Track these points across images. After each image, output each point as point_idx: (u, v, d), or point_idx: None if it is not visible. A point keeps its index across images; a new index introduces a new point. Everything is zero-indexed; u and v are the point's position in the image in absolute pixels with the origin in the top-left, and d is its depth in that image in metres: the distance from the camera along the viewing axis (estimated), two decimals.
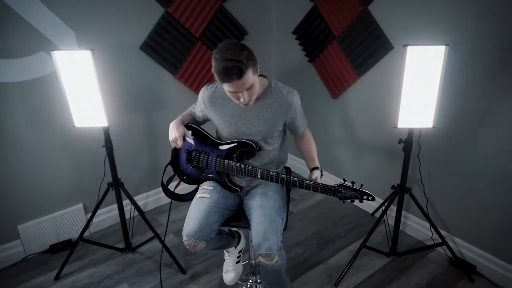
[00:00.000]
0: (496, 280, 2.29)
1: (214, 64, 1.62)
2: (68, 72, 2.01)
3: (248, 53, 1.60)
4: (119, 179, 2.40)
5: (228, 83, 1.61)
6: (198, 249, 1.80)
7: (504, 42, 1.93)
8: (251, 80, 1.63)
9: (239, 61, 1.56)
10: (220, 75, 1.60)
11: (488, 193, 2.21)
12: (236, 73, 1.57)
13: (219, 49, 1.61)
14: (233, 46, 1.60)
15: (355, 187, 1.67)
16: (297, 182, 1.73)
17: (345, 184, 1.68)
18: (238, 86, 1.62)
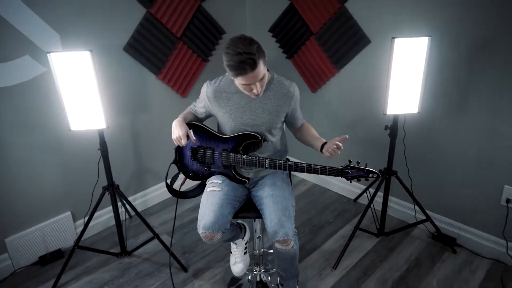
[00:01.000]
0: (474, 249, 2.52)
1: (227, 59, 1.69)
2: (65, 74, 1.96)
3: (257, 45, 1.69)
4: (114, 182, 2.37)
5: (242, 76, 1.68)
6: (214, 240, 1.84)
7: (479, 34, 2.15)
8: (262, 71, 1.71)
9: (252, 53, 1.64)
10: (234, 68, 1.67)
11: (465, 171, 2.44)
12: (250, 65, 1.65)
13: (231, 44, 1.68)
14: (243, 40, 1.68)
15: (361, 166, 1.79)
16: (305, 167, 1.83)
17: (351, 165, 1.79)
18: (252, 78, 1.70)
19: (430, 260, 2.48)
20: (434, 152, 2.52)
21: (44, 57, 2.27)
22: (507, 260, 2.40)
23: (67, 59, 1.94)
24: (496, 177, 2.32)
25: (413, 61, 2.08)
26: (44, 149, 2.42)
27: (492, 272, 2.37)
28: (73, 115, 2.06)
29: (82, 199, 2.62)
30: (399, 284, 2.31)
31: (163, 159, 3.04)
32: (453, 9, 2.19)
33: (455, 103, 2.35)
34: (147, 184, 3.05)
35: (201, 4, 2.85)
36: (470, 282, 2.31)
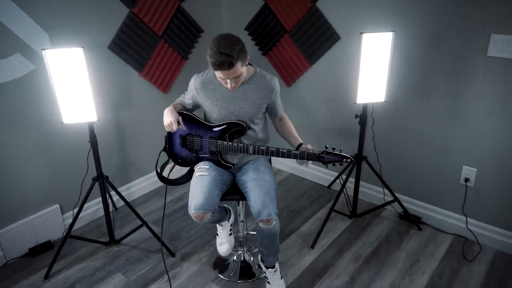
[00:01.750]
0: (438, 226, 2.78)
1: (209, 53, 1.85)
2: (58, 70, 2.08)
3: (241, 47, 1.86)
4: (103, 173, 2.49)
5: (219, 71, 1.87)
6: (205, 220, 2.00)
7: (435, 28, 2.40)
8: (239, 71, 1.89)
9: (231, 56, 1.82)
10: (213, 64, 1.85)
11: (427, 154, 2.69)
12: (227, 65, 1.83)
13: (217, 40, 1.85)
14: (228, 42, 1.84)
15: (336, 152, 1.99)
16: (286, 153, 2.02)
17: (327, 150, 1.99)
18: (227, 74, 1.88)
19: (398, 237, 2.72)
20: (400, 137, 2.76)
21: (34, 55, 2.37)
22: (467, 234, 2.66)
23: (61, 55, 2.06)
24: (455, 158, 2.58)
25: (379, 54, 2.30)
26: (32, 144, 2.50)
27: (454, 245, 2.63)
28: (65, 108, 2.18)
29: (70, 192, 2.72)
30: (371, 258, 2.53)
31: (146, 153, 3.17)
32: (414, 6, 2.43)
33: (417, 91, 2.59)
34: (131, 177, 3.16)
35: (180, 4, 3.00)
36: (435, 255, 2.55)
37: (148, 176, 3.27)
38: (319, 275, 2.41)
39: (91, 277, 2.43)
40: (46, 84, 2.41)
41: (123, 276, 2.43)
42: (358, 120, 2.58)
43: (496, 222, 2.56)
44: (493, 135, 2.40)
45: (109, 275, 2.44)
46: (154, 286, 2.35)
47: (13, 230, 2.53)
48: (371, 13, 2.61)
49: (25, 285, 2.38)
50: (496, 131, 2.38)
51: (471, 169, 2.54)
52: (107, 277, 2.42)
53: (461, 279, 2.36)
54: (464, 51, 2.35)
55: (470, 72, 2.36)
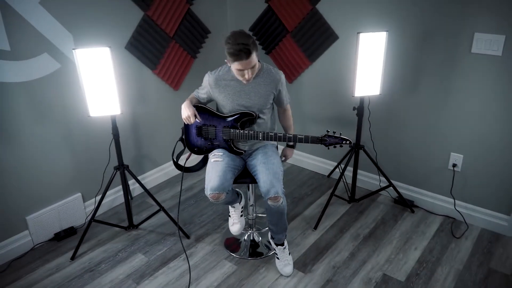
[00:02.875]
0: (429, 208, 3.04)
1: (228, 47, 2.11)
2: (87, 68, 2.31)
3: (253, 40, 2.13)
4: (123, 163, 2.71)
5: (238, 61, 2.12)
6: (220, 200, 2.24)
7: (424, 27, 2.66)
8: (254, 60, 2.15)
9: (248, 45, 2.09)
10: (233, 55, 2.10)
11: (419, 142, 2.95)
12: (245, 53, 2.09)
13: (231, 36, 2.11)
14: (242, 35, 2.12)
15: (336, 135, 2.24)
16: (292, 137, 2.26)
17: (328, 134, 2.24)
18: (245, 64, 2.13)
19: (393, 219, 2.98)
20: (394, 126, 3.02)
21: (60, 54, 2.59)
22: (455, 215, 2.93)
23: (89, 54, 2.29)
24: (444, 145, 2.84)
25: (375, 51, 2.56)
26: (58, 137, 2.72)
27: (443, 225, 2.89)
28: (92, 103, 2.41)
29: (91, 181, 2.95)
30: (368, 237, 2.78)
31: (159, 146, 3.40)
32: (405, 8, 2.69)
33: (408, 85, 2.85)
34: (145, 168, 3.39)
35: (190, 8, 3.24)
36: (426, 233, 2.81)
37: (161, 167, 3.50)
38: (322, 252, 2.66)
39: (114, 257, 2.66)
40: (71, 81, 2.66)
41: (143, 256, 2.66)
42: (355, 112, 2.83)
43: (481, 203, 2.82)
44: (477, 124, 2.66)
45: (131, 255, 2.67)
46: (172, 264, 2.59)
47: (40, 216, 2.75)
48: (367, 14, 2.86)
49: (54, 265, 2.60)
50: (480, 120, 2.65)
51: (458, 156, 2.80)
52: (129, 257, 2.65)
53: (449, 253, 2.62)
54: (451, 48, 2.61)
55: (456, 67, 2.63)
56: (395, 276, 2.46)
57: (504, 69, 2.47)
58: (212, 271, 2.54)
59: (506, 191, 2.70)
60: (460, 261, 2.56)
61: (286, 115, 2.56)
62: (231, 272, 2.53)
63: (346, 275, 2.48)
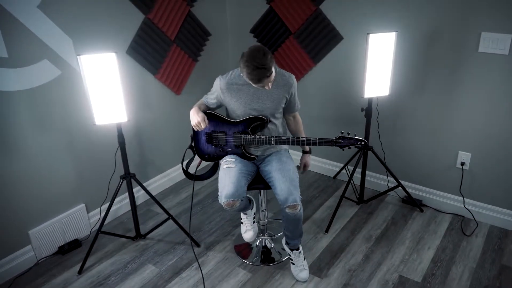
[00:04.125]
0: (437, 207, 3.05)
1: (247, 72, 2.05)
2: (92, 74, 2.22)
3: (270, 56, 2.07)
4: (129, 171, 2.63)
5: (259, 84, 2.07)
6: (234, 207, 2.19)
7: (431, 27, 2.66)
8: (273, 74, 2.10)
9: (267, 65, 2.03)
10: (255, 80, 2.06)
11: (426, 142, 2.95)
12: (266, 77, 2.05)
13: (249, 58, 2.04)
14: (260, 54, 2.03)
15: (351, 136, 2.21)
16: (305, 140, 2.22)
17: (343, 135, 2.21)
18: (266, 82, 2.09)
19: (403, 219, 2.97)
20: (401, 126, 3.01)
21: (60, 60, 2.50)
22: (464, 213, 2.94)
23: (95, 60, 2.20)
24: (452, 144, 2.85)
25: (384, 52, 2.54)
26: (59, 146, 2.62)
27: (453, 223, 2.90)
28: (98, 110, 2.32)
29: (95, 191, 2.86)
30: (381, 238, 2.77)
31: (162, 152, 3.33)
32: (412, 8, 2.68)
33: (416, 85, 2.85)
34: (149, 175, 3.31)
35: (190, 10, 3.17)
36: (437, 232, 2.81)
37: (164, 174, 3.42)
38: (336, 256, 2.63)
39: (123, 269, 2.57)
40: (72, 88, 2.57)
41: (154, 266, 2.59)
42: (364, 113, 2.81)
43: (489, 200, 2.84)
44: (485, 122, 2.67)
45: (141, 266, 2.59)
46: (185, 274, 2.52)
47: (43, 230, 2.64)
48: (372, 15, 2.84)
49: (61, 280, 2.50)
50: (487, 119, 2.66)
51: (466, 154, 2.81)
52: (139, 269, 2.57)
53: (462, 251, 2.63)
54: (457, 48, 2.61)
55: (463, 67, 2.63)
56: (411, 277, 2.45)
57: (511, 67, 2.48)
58: (226, 279, 2.48)
59: None
60: (473, 259, 2.56)
61: (295, 121, 2.51)
62: (246, 280, 2.47)
63: (363, 278, 2.45)
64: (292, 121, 2.51)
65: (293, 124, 2.51)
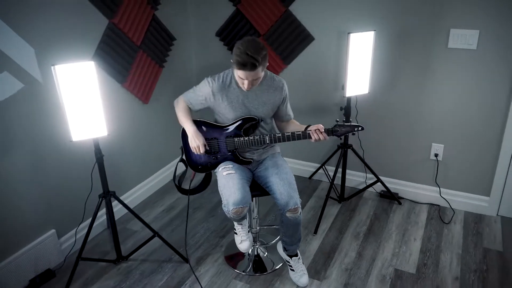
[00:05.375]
0: (413, 198, 3.16)
1: (235, 53, 1.98)
2: (67, 85, 2.00)
3: (265, 54, 2.01)
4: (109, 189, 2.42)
5: (243, 71, 1.99)
6: (242, 215, 2.11)
7: (403, 25, 2.74)
8: (259, 74, 2.04)
9: (256, 59, 1.96)
10: (238, 63, 1.98)
11: (399, 136, 3.04)
12: (250, 66, 1.97)
13: (245, 42, 1.98)
14: (256, 45, 1.98)
15: (346, 123, 2.16)
16: (301, 134, 2.15)
17: (338, 123, 2.17)
18: (247, 75, 2.01)
19: (384, 213, 3.04)
20: (377, 123, 3.06)
21: (22, 72, 2.23)
22: (440, 202, 3.07)
23: (70, 70, 1.99)
24: (425, 137, 2.97)
25: (363, 51, 2.58)
26: (24, 168, 2.34)
27: (431, 212, 3.02)
28: (74, 125, 2.10)
29: (66, 214, 2.61)
30: (368, 234, 2.81)
31: (132, 166, 3.11)
32: (383, 7, 2.75)
33: (390, 81, 2.92)
34: (119, 191, 3.06)
35: (155, 13, 3.00)
36: (418, 223, 2.91)
37: (136, 188, 3.20)
38: (330, 256, 2.62)
39: None
40: (36, 102, 2.33)
41: None
42: (343, 112, 2.83)
43: (463, 188, 2.99)
44: (456, 114, 2.81)
45: None
46: None
47: (9, 265, 2.33)
48: (343, 15, 2.88)
49: None
50: (458, 111, 2.80)
51: (439, 145, 2.94)
52: None
53: (445, 239, 2.74)
54: (428, 45, 2.72)
55: (434, 62, 2.75)
56: (405, 269, 2.50)
57: (479, 62, 2.63)
58: None
59: (484, 174, 2.89)
60: (457, 245, 2.68)
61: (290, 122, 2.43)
62: None
63: (361, 276, 2.46)
64: (286, 125, 2.41)
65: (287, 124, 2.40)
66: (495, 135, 2.76)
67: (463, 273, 2.45)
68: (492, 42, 2.55)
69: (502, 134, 2.72)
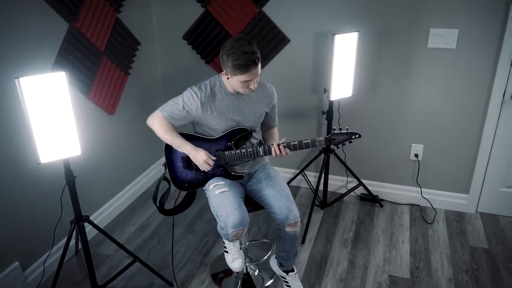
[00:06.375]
0: (393, 200, 3.14)
1: (232, 58, 1.83)
2: (35, 100, 1.73)
3: (256, 46, 1.86)
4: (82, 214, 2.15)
5: (247, 73, 1.84)
6: (241, 236, 1.94)
7: (383, 26, 2.70)
8: (260, 69, 1.90)
9: (256, 52, 1.84)
10: (241, 67, 1.83)
11: (379, 137, 3.00)
12: (255, 63, 1.83)
13: (233, 45, 1.84)
14: (244, 42, 1.86)
15: (344, 131, 2.07)
16: (297, 144, 2.02)
17: (335, 132, 2.07)
18: (253, 75, 1.87)
19: (368, 216, 2.99)
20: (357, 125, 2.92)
21: None
22: (419, 201, 3.08)
23: (38, 83, 1.73)
24: (405, 138, 2.95)
25: (347, 52, 2.50)
26: None
27: (413, 213, 3.02)
28: (43, 145, 1.83)
29: (31, 244, 2.31)
30: (356, 240, 2.74)
31: (99, 184, 2.83)
32: (361, 7, 2.69)
33: (371, 83, 2.87)
34: (87, 212, 2.77)
35: (118, 16, 2.74)
36: (403, 224, 2.89)
37: (103, 208, 2.91)
38: (322, 267, 2.52)
39: None
40: None
41: None
42: (325, 116, 2.74)
43: (442, 187, 3.02)
44: (435, 114, 2.82)
45: None
46: None
47: None
48: (317, 15, 2.79)
49: None
50: (438, 110, 2.80)
51: (419, 146, 2.94)
52: None
53: (432, 240, 2.73)
54: (407, 45, 2.70)
55: (413, 62, 2.73)
56: (399, 274, 2.45)
57: (458, 61, 2.64)
58: None
59: (463, 172, 2.92)
60: (444, 245, 2.68)
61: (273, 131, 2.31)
62: None
63: (357, 286, 2.38)
64: (266, 132, 2.31)
65: (269, 133, 2.30)
66: (473, 132, 2.79)
67: (456, 274, 2.45)
68: (471, 41, 2.57)
69: (481, 132, 2.76)
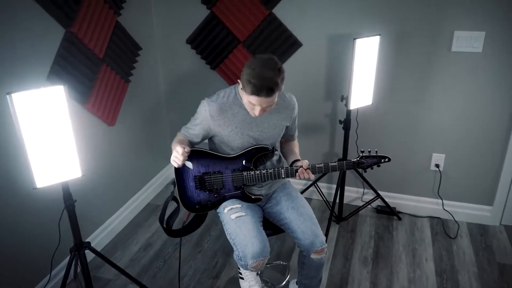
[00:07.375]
0: (412, 212, 2.96)
1: (249, 74, 1.62)
2: (30, 117, 1.53)
3: (283, 76, 1.68)
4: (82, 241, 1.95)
5: (256, 96, 1.64)
6: (262, 268, 1.74)
7: (403, 29, 2.52)
8: (274, 100, 1.70)
9: (275, 84, 1.63)
10: (250, 88, 1.62)
11: (399, 147, 2.82)
12: (266, 92, 1.63)
13: (260, 61, 1.64)
14: (273, 66, 1.65)
15: (373, 154, 1.91)
16: (323, 167, 1.86)
17: (364, 155, 1.90)
18: (261, 102, 1.67)
19: (387, 230, 2.81)
20: (375, 134, 2.81)
21: None
22: (440, 214, 2.90)
23: (34, 98, 1.52)
24: (425, 147, 2.77)
25: (368, 58, 2.32)
26: None
27: (434, 227, 2.84)
28: (39, 168, 1.62)
29: (25, 275, 2.08)
30: (376, 258, 2.56)
31: (98, 201, 2.62)
32: (379, 10, 2.50)
33: (390, 90, 2.69)
34: (85, 233, 2.56)
35: (118, 20, 2.53)
36: (425, 239, 2.72)
37: (103, 227, 2.69)
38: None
39: None
40: None
41: None
42: (342, 125, 2.56)
43: (464, 199, 2.84)
44: (458, 122, 2.64)
45: None
46: None
47: None
48: (333, 17, 2.60)
49: None
50: (461, 118, 2.63)
51: (440, 155, 2.76)
52: None
53: (457, 256, 2.56)
54: (429, 49, 2.52)
55: (435, 67, 2.55)
56: None
57: (484, 65, 2.47)
58: None
59: (487, 183, 2.75)
60: (471, 263, 2.51)
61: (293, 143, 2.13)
62: None
63: None
64: (287, 145, 2.12)
65: (289, 145, 2.11)
66: (499, 141, 2.62)
67: None
68: (498, 44, 2.39)
69: (507, 140, 2.59)
